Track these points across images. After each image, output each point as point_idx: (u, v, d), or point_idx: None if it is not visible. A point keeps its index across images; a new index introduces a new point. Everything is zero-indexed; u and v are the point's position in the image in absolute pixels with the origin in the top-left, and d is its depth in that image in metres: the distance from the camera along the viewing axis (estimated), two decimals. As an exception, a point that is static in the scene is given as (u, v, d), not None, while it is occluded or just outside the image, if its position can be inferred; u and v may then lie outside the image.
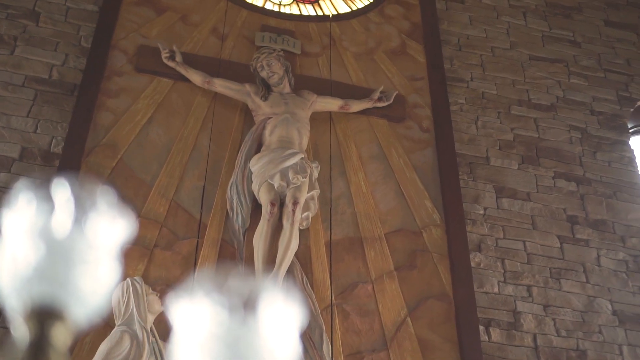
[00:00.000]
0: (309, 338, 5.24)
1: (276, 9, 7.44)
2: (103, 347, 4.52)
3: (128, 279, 4.76)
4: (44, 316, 0.95)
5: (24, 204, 0.98)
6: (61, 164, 5.71)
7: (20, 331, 0.97)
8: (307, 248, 5.81)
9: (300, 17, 7.42)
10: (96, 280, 0.99)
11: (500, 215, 6.54)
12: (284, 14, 7.40)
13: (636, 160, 7.32)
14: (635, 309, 6.29)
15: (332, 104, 6.56)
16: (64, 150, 5.81)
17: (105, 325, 4.77)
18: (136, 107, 6.26)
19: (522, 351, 5.82)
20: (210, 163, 6.06)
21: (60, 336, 0.97)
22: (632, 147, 7.42)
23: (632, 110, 7.74)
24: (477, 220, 6.43)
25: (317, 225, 5.95)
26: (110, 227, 1.02)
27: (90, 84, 6.20)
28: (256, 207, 5.83)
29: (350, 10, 7.66)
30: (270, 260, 5.47)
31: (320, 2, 7.72)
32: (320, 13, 7.57)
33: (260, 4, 7.41)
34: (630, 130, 7.65)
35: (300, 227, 5.74)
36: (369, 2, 7.75)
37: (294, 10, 7.52)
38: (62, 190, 0.98)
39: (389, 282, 5.83)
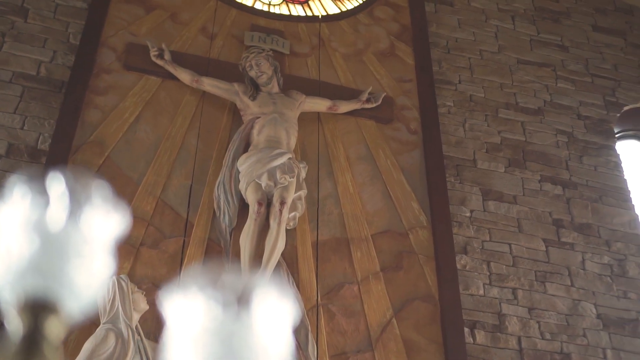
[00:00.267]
0: (294, 338, 5.24)
1: (266, 8, 7.44)
2: (88, 345, 4.51)
3: (114, 277, 4.75)
4: (38, 309, 0.95)
5: (17, 197, 0.98)
6: (48, 161, 5.69)
7: (14, 324, 0.97)
8: (294, 248, 5.81)
9: (290, 18, 7.42)
10: (90, 273, 0.99)
11: (486, 217, 6.56)
12: (274, 14, 7.39)
13: (622, 165, 7.35)
14: (620, 312, 6.32)
15: (320, 105, 6.57)
16: (51, 147, 5.78)
17: (90, 323, 4.75)
18: (124, 104, 6.25)
19: (506, 353, 5.83)
20: (198, 162, 6.06)
21: (54, 329, 0.97)
22: (618, 152, 7.45)
23: (618, 115, 7.78)
24: (463, 223, 6.45)
25: (303, 226, 5.96)
26: (105, 222, 1.02)
27: (78, 81, 6.18)
28: (243, 207, 5.82)
29: (339, 11, 7.67)
30: (257, 260, 5.47)
31: (309, 2, 7.72)
32: (309, 13, 7.57)
33: (249, 4, 7.40)
34: (616, 135, 7.69)
35: (287, 227, 5.74)
36: (358, 4, 7.76)
37: (283, 10, 7.52)
38: (56, 184, 0.98)
39: (374, 283, 5.83)
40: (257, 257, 5.49)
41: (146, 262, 5.47)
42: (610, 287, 6.45)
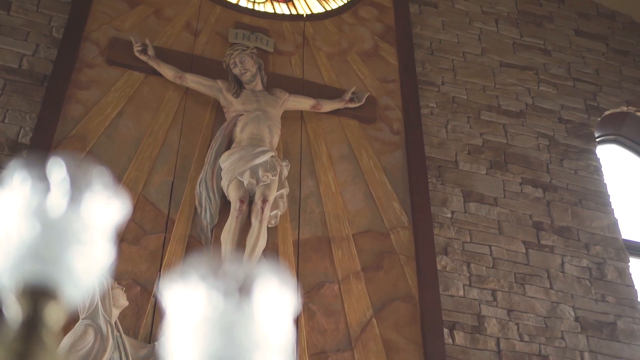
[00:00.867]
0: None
1: (250, 6, 7.42)
2: (66, 340, 4.49)
3: (93, 273, 4.72)
4: (37, 295, 0.94)
5: (17, 183, 0.97)
6: (29, 155, 5.65)
7: (13, 310, 0.96)
8: (275, 246, 5.81)
9: (274, 16, 7.41)
10: (90, 260, 0.98)
11: (467, 219, 6.58)
12: (258, 11, 7.38)
13: (602, 169, 7.40)
14: (597, 316, 6.36)
15: (303, 103, 6.56)
16: (32, 141, 5.75)
17: (69, 319, 4.71)
18: (106, 99, 6.21)
19: (485, 355, 5.86)
20: (180, 158, 6.04)
21: (54, 316, 0.96)
22: (598, 156, 7.50)
23: (599, 119, 7.83)
24: (444, 224, 6.46)
25: (285, 224, 5.95)
26: (105, 208, 1.01)
27: (60, 75, 6.14)
28: (225, 204, 5.81)
29: (324, 10, 7.66)
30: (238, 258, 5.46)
31: (294, 1, 7.71)
32: (294, 12, 7.57)
33: (234, 1, 7.38)
34: (597, 140, 7.74)
35: (269, 225, 5.73)
36: (343, 3, 7.76)
37: (268, 8, 7.51)
38: (57, 170, 0.98)
39: (355, 282, 5.84)
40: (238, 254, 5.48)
41: (126, 258, 5.44)
42: (589, 290, 6.49)
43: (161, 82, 6.42)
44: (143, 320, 5.16)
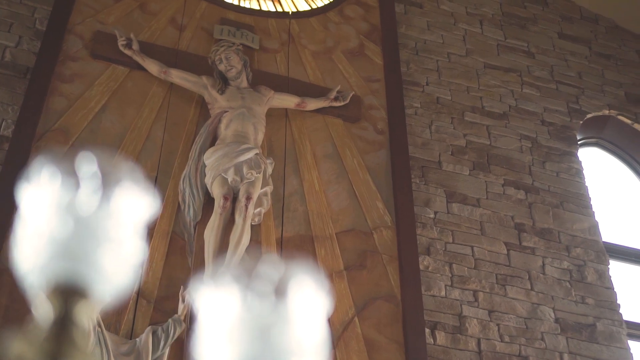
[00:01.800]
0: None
1: (236, 2, 7.39)
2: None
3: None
4: (68, 294, 0.92)
5: (44, 179, 0.95)
6: (11, 148, 5.60)
7: (44, 309, 0.94)
8: (258, 244, 5.79)
9: (260, 13, 7.38)
10: (120, 257, 0.96)
11: (450, 219, 6.59)
12: (244, 8, 7.35)
13: (583, 172, 7.44)
14: (577, 317, 6.39)
15: (288, 101, 6.55)
16: (14, 134, 5.69)
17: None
18: (90, 93, 6.16)
19: (466, 355, 5.87)
20: (164, 154, 6.00)
21: (84, 314, 0.94)
22: (580, 159, 7.54)
23: (581, 122, 7.87)
24: (427, 224, 6.47)
25: (268, 222, 5.93)
26: (136, 205, 0.99)
27: (43, 68, 6.08)
28: (208, 201, 5.78)
29: (310, 8, 7.65)
30: (221, 255, 5.43)
31: (280, -2, 7.69)
32: (280, 9, 7.54)
33: (220, -3, 7.35)
34: (579, 142, 7.78)
35: (252, 223, 5.71)
36: (328, 2, 7.75)
37: (253, 5, 7.48)
38: (86, 166, 0.96)
39: (338, 281, 5.83)
40: (221, 252, 5.46)
41: (108, 253, 5.39)
42: (569, 292, 6.52)
43: (145, 77, 6.37)
44: (124, 316, 5.13)
